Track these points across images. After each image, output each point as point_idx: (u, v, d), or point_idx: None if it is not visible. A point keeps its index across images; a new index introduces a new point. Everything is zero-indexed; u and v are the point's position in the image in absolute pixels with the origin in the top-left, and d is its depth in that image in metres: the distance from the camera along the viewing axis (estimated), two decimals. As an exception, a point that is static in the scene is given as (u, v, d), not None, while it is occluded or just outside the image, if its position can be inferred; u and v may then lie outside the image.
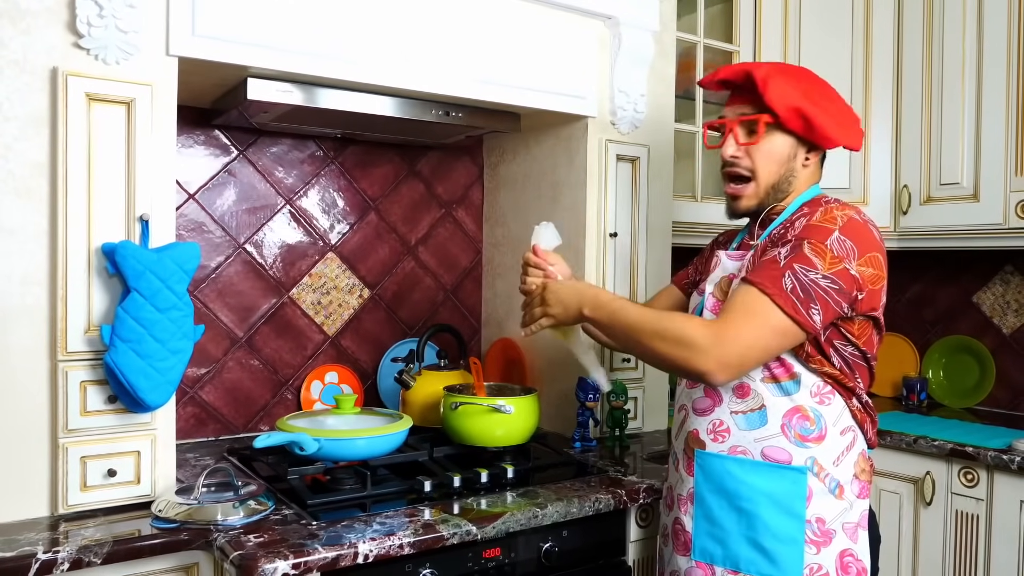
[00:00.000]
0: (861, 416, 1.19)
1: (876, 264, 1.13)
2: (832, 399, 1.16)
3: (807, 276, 1.09)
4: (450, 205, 2.12)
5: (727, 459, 1.19)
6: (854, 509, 1.18)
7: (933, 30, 2.03)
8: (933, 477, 1.79)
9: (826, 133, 1.20)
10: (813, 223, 1.13)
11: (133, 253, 1.22)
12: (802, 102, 1.18)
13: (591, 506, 1.37)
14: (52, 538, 1.14)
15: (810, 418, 1.15)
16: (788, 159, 1.23)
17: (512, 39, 1.64)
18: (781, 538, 1.15)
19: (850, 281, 1.10)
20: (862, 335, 1.16)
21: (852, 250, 1.10)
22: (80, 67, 1.23)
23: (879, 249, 1.14)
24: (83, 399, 1.24)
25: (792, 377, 1.16)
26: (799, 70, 1.26)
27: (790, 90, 1.19)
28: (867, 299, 1.13)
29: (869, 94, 2.12)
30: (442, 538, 1.21)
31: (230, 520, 1.21)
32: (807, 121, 1.19)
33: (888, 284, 1.18)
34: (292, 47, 1.40)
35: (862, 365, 1.18)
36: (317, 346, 1.93)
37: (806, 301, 1.09)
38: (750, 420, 1.18)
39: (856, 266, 1.10)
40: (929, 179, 2.04)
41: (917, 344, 2.34)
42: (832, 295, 1.09)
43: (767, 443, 1.17)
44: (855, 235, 1.11)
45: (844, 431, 1.17)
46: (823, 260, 1.09)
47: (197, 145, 1.77)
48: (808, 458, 1.16)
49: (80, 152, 1.22)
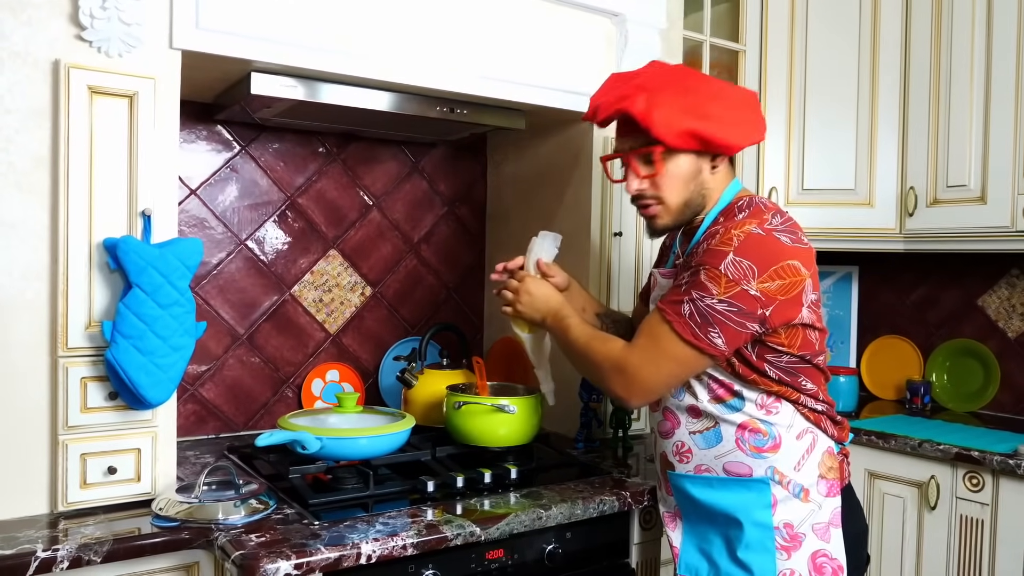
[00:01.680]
0: (815, 417, 1.19)
1: (785, 273, 1.10)
2: (779, 407, 1.17)
3: (704, 302, 1.11)
4: (453, 203, 2.11)
5: (695, 478, 1.23)
6: (824, 509, 1.18)
7: (941, 29, 2.01)
8: (937, 481, 1.77)
9: (724, 142, 1.18)
10: (711, 247, 1.12)
11: (135, 248, 1.20)
12: (690, 122, 1.16)
13: (595, 508, 1.36)
14: (51, 536, 1.13)
15: (761, 430, 1.17)
16: (694, 175, 1.22)
17: (518, 35, 1.63)
18: (753, 548, 1.17)
19: (750, 301, 1.09)
20: (792, 343, 1.15)
21: (750, 269, 1.09)
22: (82, 59, 1.21)
23: (791, 255, 1.11)
24: (83, 395, 1.22)
25: (735, 395, 1.18)
26: (674, 78, 1.20)
27: (674, 113, 1.16)
28: (779, 311, 1.11)
29: (876, 94, 2.10)
30: (445, 539, 1.19)
31: (231, 519, 1.20)
32: (702, 139, 1.17)
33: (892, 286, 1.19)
34: (297, 41, 1.38)
35: (804, 367, 1.17)
36: (318, 344, 1.91)
37: (703, 326, 1.11)
38: (707, 439, 1.21)
39: (757, 285, 1.09)
40: (936, 181, 2.03)
41: (921, 347, 2.33)
42: (731, 318, 1.10)
43: (726, 459, 1.20)
44: (752, 252, 1.10)
45: (800, 435, 1.18)
46: (718, 285, 1.10)
47: (199, 140, 1.76)
48: (767, 468, 1.17)
49: (82, 145, 1.21)
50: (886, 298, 2.44)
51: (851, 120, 2.12)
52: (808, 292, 1.14)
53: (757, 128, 1.22)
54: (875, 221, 2.12)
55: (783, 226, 1.14)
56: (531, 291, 1.35)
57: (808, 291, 1.13)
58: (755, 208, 1.17)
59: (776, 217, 1.15)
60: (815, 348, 1.17)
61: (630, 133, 1.22)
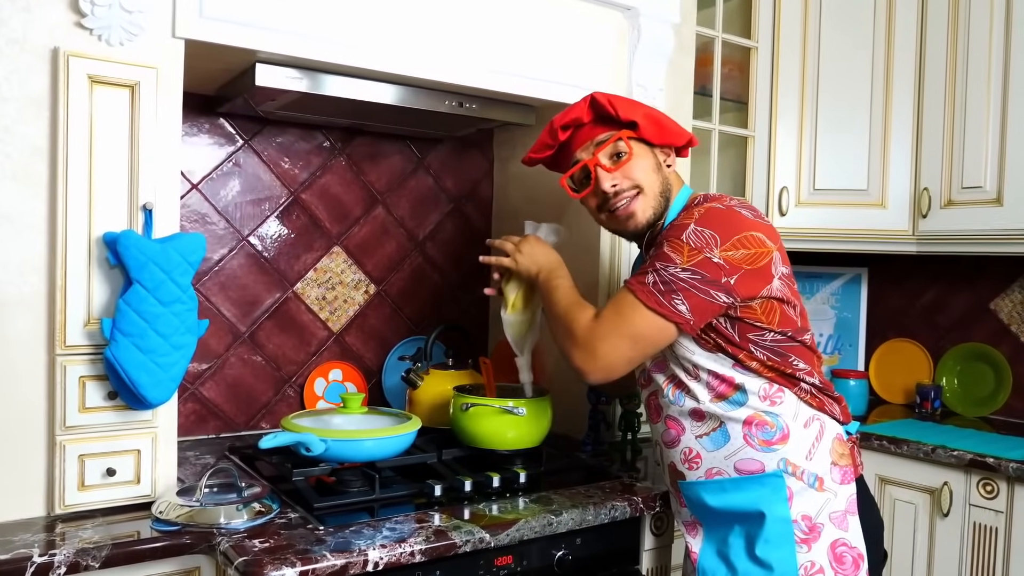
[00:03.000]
0: (818, 402, 1.18)
1: (749, 243, 1.12)
2: (783, 396, 1.17)
3: (667, 271, 1.13)
4: (459, 200, 2.07)
5: (707, 484, 1.22)
6: (839, 497, 1.16)
7: (958, 27, 1.98)
8: (951, 488, 1.74)
9: (674, 130, 1.26)
10: (674, 223, 1.17)
11: (136, 243, 1.17)
12: (646, 109, 1.24)
13: (607, 513, 1.32)
14: (48, 540, 1.09)
15: (767, 422, 1.16)
16: (658, 166, 1.26)
17: (529, 29, 1.59)
18: (773, 543, 1.15)
19: (713, 269, 1.11)
20: (771, 318, 1.15)
21: (712, 238, 1.11)
22: (82, 48, 1.17)
23: (753, 227, 1.14)
24: (82, 395, 1.19)
25: (737, 389, 1.17)
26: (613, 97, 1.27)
27: (630, 102, 1.25)
28: (745, 280, 1.12)
29: (890, 92, 2.07)
30: (454, 545, 1.16)
31: (233, 523, 1.16)
32: (658, 125, 1.24)
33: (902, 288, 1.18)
34: (303, 31, 1.34)
35: (792, 345, 1.17)
36: (321, 342, 1.88)
37: (667, 293, 1.12)
38: (714, 440, 1.19)
39: (720, 252, 1.11)
40: (951, 182, 2.00)
41: (930, 350, 2.30)
42: (696, 285, 1.11)
43: (737, 458, 1.18)
44: (714, 223, 1.12)
45: (807, 423, 1.17)
46: (680, 255, 1.12)
47: (201, 133, 1.72)
48: (779, 460, 1.16)
49: (81, 136, 1.17)
50: (895, 301, 2.41)
51: (864, 119, 2.08)
52: (778, 264, 1.14)
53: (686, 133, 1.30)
54: (887, 222, 2.09)
55: (742, 206, 1.17)
56: (532, 244, 1.37)
57: (777, 263, 1.14)
58: (711, 197, 1.21)
59: (734, 200, 1.19)
60: (796, 324, 1.17)
61: (590, 135, 1.26)
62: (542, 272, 1.33)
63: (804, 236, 2.13)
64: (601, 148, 1.24)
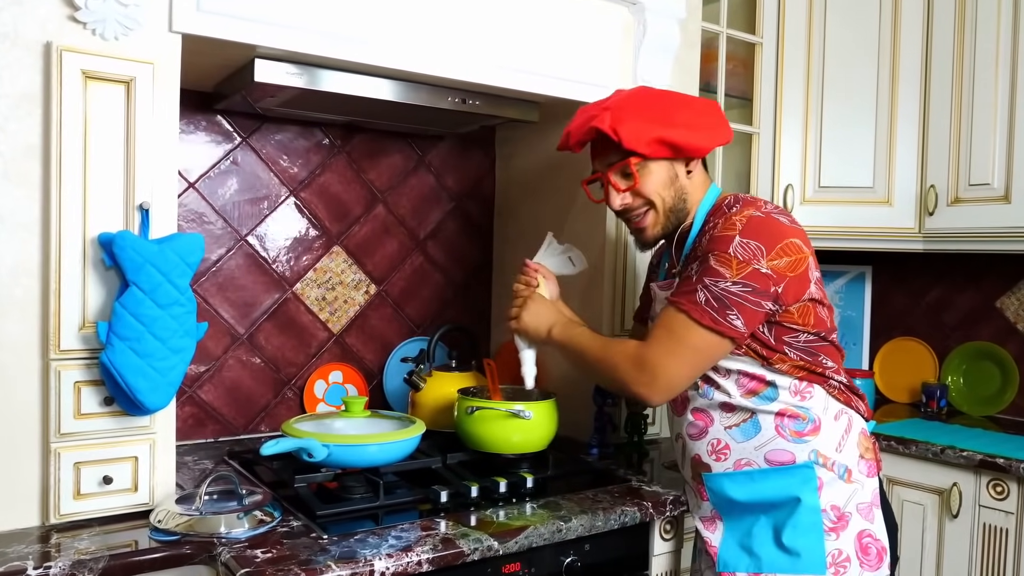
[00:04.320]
0: (845, 397, 1.21)
1: (791, 250, 1.14)
2: (812, 391, 1.18)
3: (718, 287, 1.12)
4: (460, 198, 2.04)
5: (735, 475, 1.22)
6: (865, 489, 1.19)
7: (965, 21, 1.96)
8: (960, 489, 1.73)
9: (694, 145, 1.22)
10: (716, 234, 1.15)
11: (132, 244, 1.13)
12: (658, 130, 1.20)
13: (616, 519, 1.30)
14: (43, 551, 1.05)
15: (799, 415, 1.18)
16: (672, 180, 1.25)
17: (533, 24, 1.56)
18: (802, 530, 1.16)
19: (763, 279, 1.12)
20: (806, 320, 1.17)
21: (758, 249, 1.12)
22: (76, 42, 1.14)
23: (791, 234, 1.15)
24: (77, 401, 1.15)
25: (768, 385, 1.18)
26: (637, 96, 1.25)
27: (641, 124, 1.20)
28: (791, 288, 1.14)
29: (895, 88, 2.05)
30: (462, 554, 1.13)
31: (235, 532, 1.13)
32: (672, 145, 1.21)
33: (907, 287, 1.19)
34: (304, 26, 1.31)
35: (822, 344, 1.20)
36: (321, 344, 1.84)
37: (721, 310, 1.12)
38: (745, 431, 1.20)
39: (767, 263, 1.12)
40: (957, 179, 1.98)
41: (935, 349, 2.28)
42: (747, 298, 1.12)
43: (768, 448, 1.19)
44: (758, 233, 1.13)
45: (837, 416, 1.20)
46: (730, 268, 1.12)
47: (198, 131, 1.68)
48: (811, 452, 1.18)
49: (76, 134, 1.13)
50: (900, 299, 2.39)
51: (870, 115, 2.06)
52: (813, 268, 1.17)
53: (722, 131, 1.27)
54: (893, 220, 2.07)
55: (776, 211, 1.18)
56: (537, 301, 1.37)
57: (812, 267, 1.17)
58: (745, 201, 1.20)
59: (767, 204, 1.19)
60: (827, 325, 1.20)
61: (604, 152, 1.26)
62: (554, 328, 1.33)
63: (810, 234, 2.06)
64: (612, 168, 1.25)
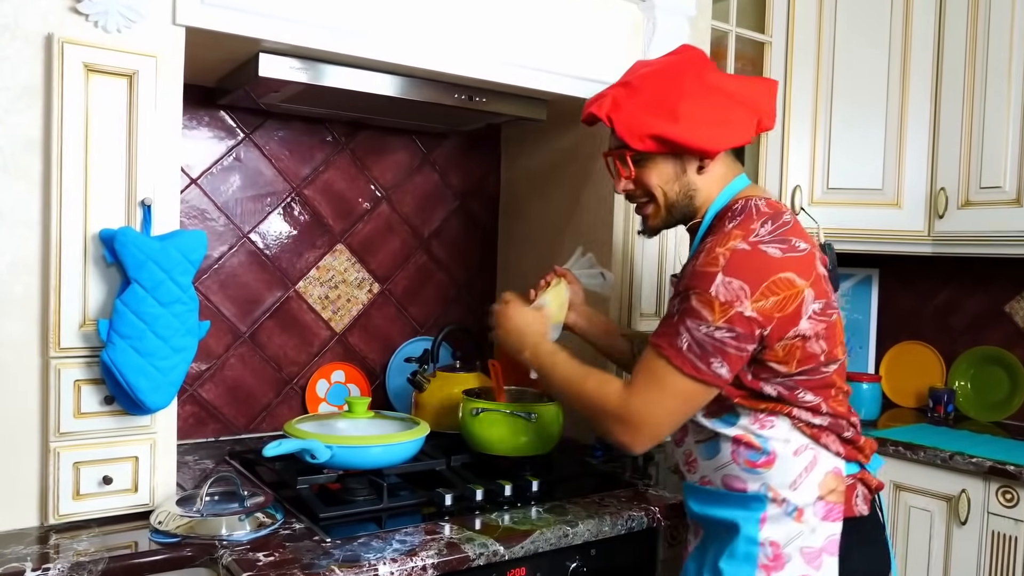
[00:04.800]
0: (815, 432, 1.09)
1: (779, 287, 1.02)
2: (774, 421, 1.09)
3: (700, 331, 1.03)
4: (465, 197, 2.02)
5: (698, 490, 1.18)
6: (817, 533, 1.07)
7: (978, 22, 1.93)
8: (969, 495, 1.71)
9: (697, 146, 1.11)
10: (697, 268, 1.04)
11: (134, 241, 1.11)
12: (656, 126, 1.10)
13: (623, 524, 1.28)
14: (42, 553, 1.03)
15: (755, 445, 1.09)
16: (677, 176, 1.16)
17: (542, 20, 1.54)
18: (737, 559, 1.09)
19: (746, 323, 1.01)
20: (790, 358, 1.05)
21: (742, 290, 1.01)
22: (78, 34, 1.12)
23: (782, 267, 1.02)
24: (77, 400, 1.13)
25: (729, 410, 1.11)
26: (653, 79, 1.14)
27: (638, 116, 1.12)
28: (778, 327, 1.03)
29: (906, 88, 2.02)
30: (467, 558, 1.11)
31: (236, 535, 1.11)
32: (668, 143, 1.11)
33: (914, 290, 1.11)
34: (309, 20, 1.29)
35: (805, 380, 1.08)
36: (324, 343, 1.82)
37: (704, 356, 1.03)
38: (708, 450, 1.15)
39: (751, 305, 1.01)
40: (968, 182, 1.95)
41: (943, 353, 2.26)
42: (731, 344, 1.02)
43: (724, 472, 1.13)
44: (742, 271, 1.01)
45: (799, 451, 1.08)
46: (712, 311, 1.01)
47: (200, 127, 1.66)
48: (762, 484, 1.09)
49: (77, 128, 1.11)
50: (907, 302, 2.37)
51: (880, 116, 2.04)
52: (808, 303, 1.04)
53: (737, 131, 1.13)
54: (902, 223, 2.05)
55: (773, 235, 1.05)
56: (512, 315, 1.27)
57: (808, 301, 1.04)
58: (746, 215, 1.08)
59: (766, 225, 1.06)
60: (818, 359, 1.07)
61: (612, 134, 1.20)
62: (527, 351, 1.24)
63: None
64: (613, 153, 1.19)
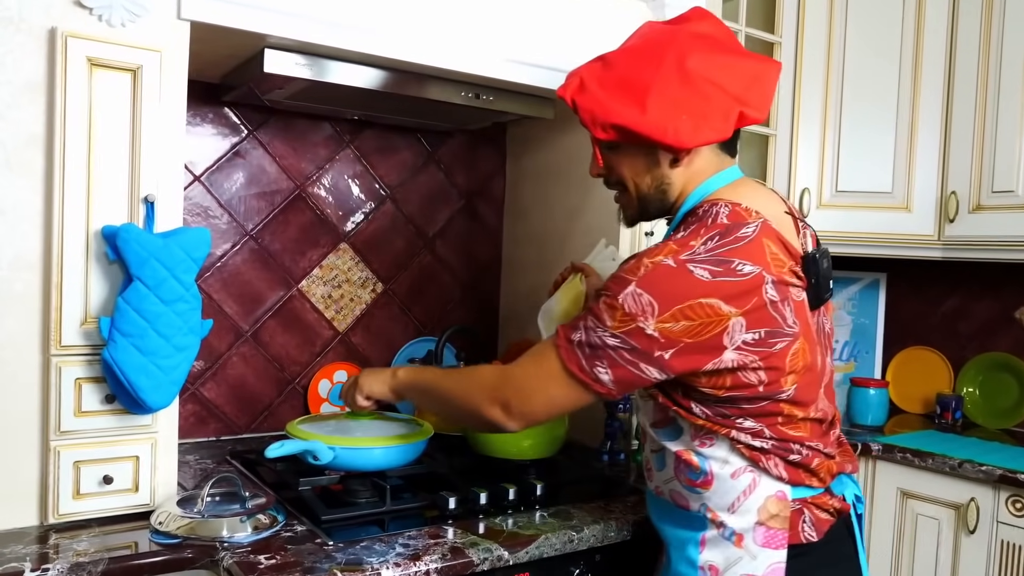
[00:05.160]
0: (755, 455, 1.01)
1: (697, 314, 0.93)
2: (715, 439, 1.02)
3: (595, 333, 0.97)
4: (470, 196, 2.00)
5: (654, 498, 1.15)
6: (758, 561, 1.01)
7: (992, 23, 1.91)
8: (978, 504, 1.68)
9: (664, 140, 1.00)
10: (618, 272, 0.99)
11: (136, 238, 1.10)
12: (621, 114, 1.00)
13: (629, 530, 1.26)
14: (41, 553, 1.02)
15: (694, 463, 1.03)
16: (648, 168, 1.07)
17: (548, 17, 1.52)
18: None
19: (645, 341, 0.94)
20: (718, 385, 0.97)
21: (650, 305, 0.93)
22: (81, 28, 1.10)
23: (706, 293, 0.93)
24: (77, 398, 1.12)
25: (671, 422, 1.06)
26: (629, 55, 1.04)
27: (604, 101, 1.02)
28: (684, 355, 0.94)
29: (917, 90, 2.00)
30: (472, 563, 1.10)
31: (237, 537, 1.10)
32: (630, 133, 1.01)
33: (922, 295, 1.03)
34: (315, 15, 1.27)
35: (746, 408, 0.99)
36: (326, 342, 1.81)
37: (591, 359, 0.97)
38: (658, 461, 1.11)
39: (655, 324, 0.93)
40: (980, 185, 1.93)
41: (951, 359, 2.24)
42: (623, 355, 0.96)
43: (670, 486, 1.09)
44: (657, 287, 0.94)
45: (737, 473, 1.01)
46: (612, 317, 0.95)
47: (204, 123, 1.65)
48: (701, 505, 1.05)
49: (80, 123, 1.10)
50: (915, 307, 2.35)
51: (890, 118, 2.02)
52: (735, 332, 0.94)
53: (715, 125, 1.00)
54: (912, 227, 2.03)
55: (711, 253, 0.95)
56: (364, 377, 1.25)
57: (735, 331, 0.94)
58: (698, 225, 1.00)
59: (711, 240, 0.96)
60: (756, 390, 0.98)
61: None
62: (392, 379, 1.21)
63: (825, 239, 2.02)
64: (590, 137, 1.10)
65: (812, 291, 1.02)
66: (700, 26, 1.06)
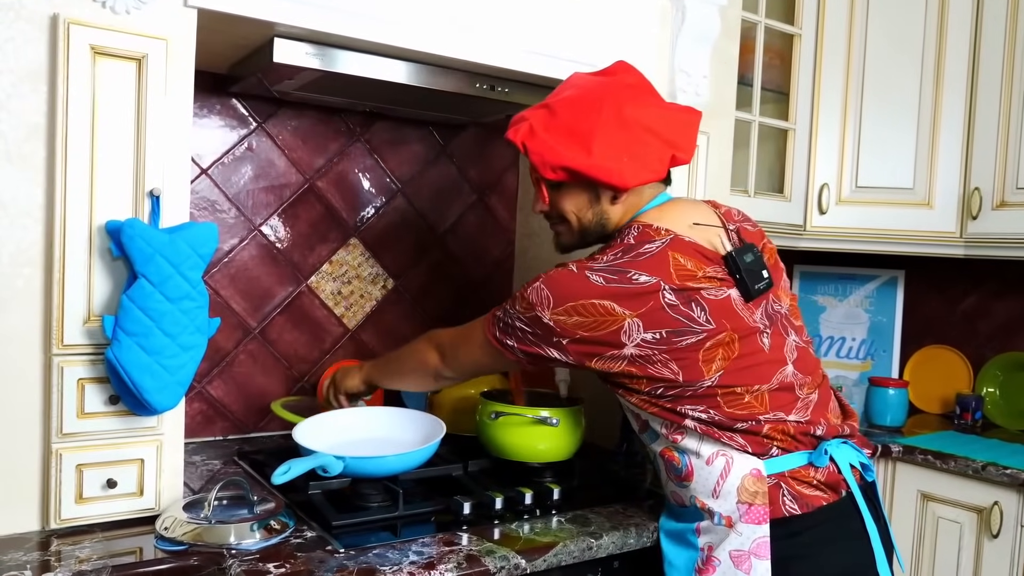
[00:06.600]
0: (718, 434, 1.09)
1: (589, 311, 1.07)
2: (684, 432, 1.12)
3: (509, 313, 1.15)
4: (483, 191, 1.96)
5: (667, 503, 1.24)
6: (744, 536, 1.08)
7: (1018, 14, 1.86)
8: (1001, 507, 1.64)
9: (608, 181, 1.13)
10: (539, 273, 1.14)
11: (141, 233, 1.05)
12: (569, 158, 1.12)
13: (649, 536, 1.22)
14: (43, 560, 0.99)
15: (675, 459, 1.14)
16: (590, 204, 1.19)
17: (567, 7, 1.47)
18: (677, 569, 1.15)
19: (543, 327, 1.10)
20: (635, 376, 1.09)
21: (547, 299, 1.09)
22: (85, 15, 1.06)
23: (599, 296, 1.06)
24: (80, 399, 1.08)
25: (646, 424, 1.17)
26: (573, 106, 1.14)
27: (553, 146, 1.13)
28: (579, 347, 1.09)
29: (940, 84, 1.95)
30: (488, 572, 1.06)
31: (245, 543, 1.06)
32: (577, 175, 1.14)
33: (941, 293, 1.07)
34: (326, 3, 1.23)
35: (681, 395, 1.09)
36: (336, 340, 1.77)
37: (504, 332, 1.16)
38: (656, 467, 1.23)
39: (550, 314, 1.09)
40: (1004, 181, 1.88)
41: (971, 358, 2.19)
42: (527, 334, 1.13)
43: (668, 488, 1.20)
44: (555, 286, 1.09)
45: (711, 459, 1.10)
46: (520, 305, 1.13)
47: (211, 115, 1.60)
48: (690, 497, 1.14)
49: (83, 114, 1.06)
50: (934, 305, 2.30)
51: (912, 113, 1.97)
52: (633, 331, 1.06)
53: (652, 165, 1.14)
54: (933, 223, 1.98)
55: (610, 265, 1.08)
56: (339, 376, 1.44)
57: (633, 330, 1.06)
58: (612, 243, 1.14)
59: (615, 256, 1.09)
60: (678, 378, 1.07)
61: None
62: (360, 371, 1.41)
63: (844, 236, 2.02)
64: (533, 175, 1.22)
65: (741, 286, 1.10)
66: (627, 78, 1.19)
